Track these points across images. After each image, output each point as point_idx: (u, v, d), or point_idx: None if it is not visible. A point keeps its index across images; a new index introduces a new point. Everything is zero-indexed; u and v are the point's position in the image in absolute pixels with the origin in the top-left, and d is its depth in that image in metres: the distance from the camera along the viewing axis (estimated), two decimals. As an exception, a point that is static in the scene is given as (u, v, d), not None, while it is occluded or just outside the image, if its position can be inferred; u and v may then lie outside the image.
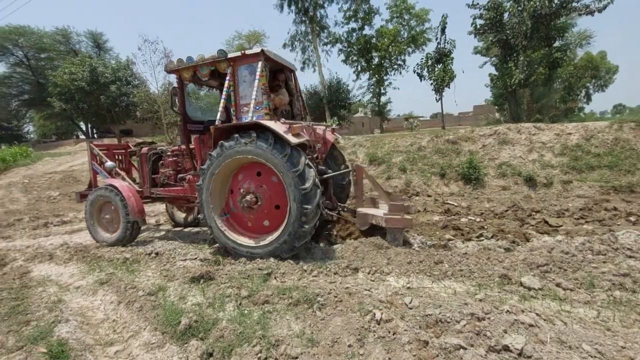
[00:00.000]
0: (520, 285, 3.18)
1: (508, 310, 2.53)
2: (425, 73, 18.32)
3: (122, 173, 6.18)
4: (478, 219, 5.87)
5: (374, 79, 24.38)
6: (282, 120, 4.40)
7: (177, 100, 5.34)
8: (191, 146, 5.33)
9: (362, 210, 4.99)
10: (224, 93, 4.66)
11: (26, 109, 36.53)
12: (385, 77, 24.41)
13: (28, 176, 14.00)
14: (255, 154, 4.18)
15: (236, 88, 4.69)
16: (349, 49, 23.86)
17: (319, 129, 5.58)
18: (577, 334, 2.28)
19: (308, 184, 3.99)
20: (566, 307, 2.79)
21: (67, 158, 17.18)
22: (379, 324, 2.46)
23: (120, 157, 6.61)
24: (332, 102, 21.42)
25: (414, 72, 18.98)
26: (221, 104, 4.64)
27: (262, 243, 4.36)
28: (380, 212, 4.73)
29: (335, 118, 15.16)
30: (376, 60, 23.67)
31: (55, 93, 23.82)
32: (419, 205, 7.08)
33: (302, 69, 24.28)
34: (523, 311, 2.54)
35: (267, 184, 4.45)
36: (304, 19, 22.72)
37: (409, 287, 3.31)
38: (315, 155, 5.08)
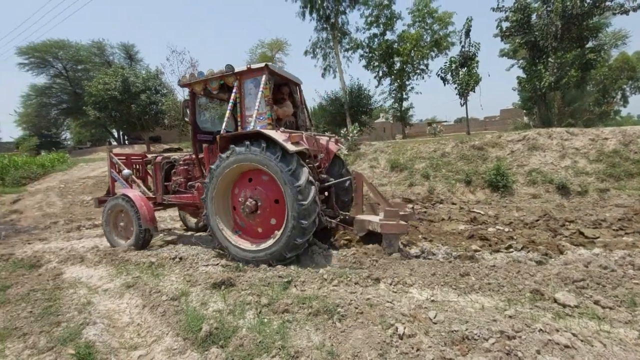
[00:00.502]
0: (554, 301, 2.98)
1: (541, 329, 2.38)
2: (449, 77, 17.92)
3: (138, 181, 6.51)
4: (507, 229, 5.61)
5: (396, 84, 24.15)
6: (282, 129, 4.57)
7: (188, 111, 5.65)
8: (201, 155, 5.53)
9: (359, 217, 5.01)
10: (229, 104, 4.91)
11: (64, 117, 38.84)
12: (407, 82, 24.14)
13: (64, 181, 14.83)
14: (256, 161, 4.38)
15: (242, 100, 4.94)
16: (370, 55, 23.80)
17: (323, 139, 5.78)
18: (618, 357, 2.11)
19: (301, 182, 4.13)
20: (605, 326, 2.58)
21: (100, 164, 18.08)
22: (401, 339, 2.38)
23: (137, 166, 6.93)
24: (353, 108, 21.35)
25: (437, 76, 18.62)
26: (227, 115, 4.91)
27: (262, 246, 4.46)
28: (376, 218, 4.73)
29: (357, 124, 15.06)
30: (398, 65, 23.46)
31: (90, 102, 25.23)
32: (442, 214, 6.87)
33: (323, 75, 24.46)
34: (557, 330, 2.38)
35: (266, 190, 4.63)
36: (325, 26, 22.92)
37: (433, 300, 3.19)
38: (317, 164, 5.24)
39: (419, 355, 2.20)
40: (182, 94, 23.65)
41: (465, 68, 16.99)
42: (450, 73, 17.80)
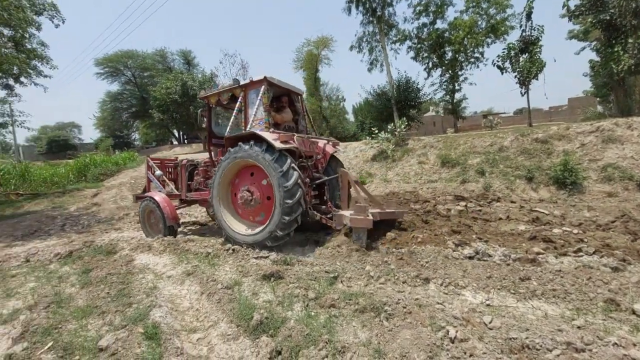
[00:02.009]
0: (633, 313, 2.64)
1: (616, 343, 2.13)
2: (507, 65, 16.49)
3: (167, 181, 7.45)
4: (575, 231, 5.05)
5: (447, 75, 22.88)
6: (271, 130, 5.30)
7: (204, 120, 6.67)
8: (216, 158, 6.29)
9: (338, 212, 5.38)
10: (235, 111, 5.78)
11: (133, 119, 43.13)
12: (459, 73, 22.74)
13: (134, 177, 16.48)
14: (249, 156, 5.17)
15: (246, 108, 5.77)
16: (419, 45, 22.81)
17: (321, 142, 6.43)
18: None
19: (290, 182, 4.77)
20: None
21: (163, 161, 19.80)
22: (453, 343, 2.28)
23: (169, 169, 7.79)
24: (401, 102, 20.67)
25: (494, 64, 17.23)
26: (231, 121, 5.87)
27: (257, 230, 5.18)
28: (348, 213, 4.97)
29: (404, 119, 14.54)
30: (449, 55, 22.18)
31: (155, 105, 27.69)
32: (500, 213, 6.39)
33: (369, 69, 23.98)
34: (635, 345, 2.10)
35: (258, 182, 5.40)
36: (371, 19, 22.45)
37: (488, 305, 3.00)
38: (311, 164, 5.95)
39: (472, 361, 2.09)
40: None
41: (527, 54, 15.48)
42: (509, 60, 16.36)
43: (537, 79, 15.59)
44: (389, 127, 13.47)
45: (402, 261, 4.00)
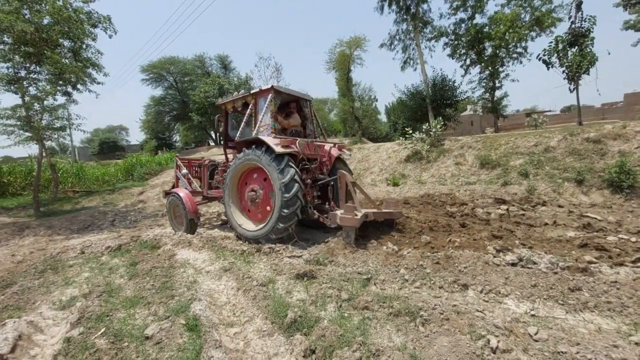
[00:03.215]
0: None
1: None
2: (554, 59, 15.39)
3: (192, 179, 8.15)
4: (634, 239, 4.61)
5: (487, 72, 21.76)
6: (273, 136, 5.66)
7: (222, 124, 7.26)
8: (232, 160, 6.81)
9: (332, 211, 5.60)
10: (245, 117, 6.27)
11: (174, 122, 45.52)
12: (500, 69, 21.53)
13: (175, 176, 17.40)
14: (253, 159, 5.67)
15: (256, 114, 6.18)
16: (456, 42, 21.92)
17: (327, 146, 6.76)
18: None
19: (286, 178, 5.18)
20: None
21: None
22: (494, 353, 2.17)
23: (195, 168, 8.45)
24: (436, 101, 19.98)
25: (539, 59, 16.15)
26: (242, 126, 6.35)
27: (260, 226, 5.66)
28: (339, 212, 5.17)
29: (440, 118, 14.03)
30: (489, 50, 21.08)
31: (194, 109, 29.07)
32: (546, 217, 5.99)
33: (402, 68, 23.43)
34: None
35: (263, 183, 5.85)
36: (405, 17, 21.93)
37: (533, 315, 2.82)
38: (314, 166, 6.29)
39: (516, 373, 1.98)
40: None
41: (576, 47, 14.36)
42: (556, 54, 15.27)
43: (588, 74, 14.41)
44: (423, 127, 13.10)
45: (438, 265, 3.87)
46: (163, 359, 2.46)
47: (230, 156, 7.44)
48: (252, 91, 6.27)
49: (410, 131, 13.18)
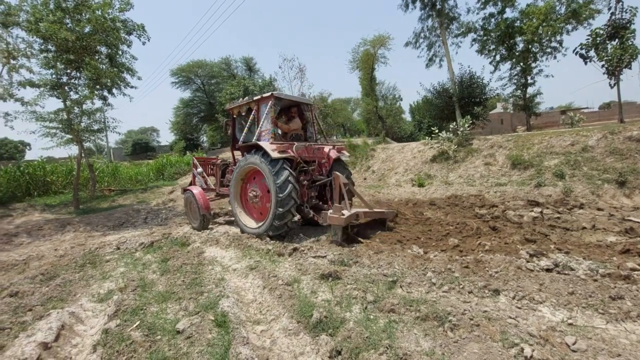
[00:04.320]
0: None
1: None
2: (592, 53, 14.49)
3: (206, 177, 8.72)
4: (686, 246, 4.25)
5: (518, 68, 20.81)
6: (271, 141, 5.99)
7: (229, 127, 7.77)
8: None
9: (324, 211, 5.98)
10: (249, 122, 6.68)
11: (202, 123, 46.95)
12: (533, 65, 20.52)
13: (202, 176, 17.94)
14: (253, 163, 6.11)
15: (258, 120, 6.54)
16: (485, 38, 21.12)
17: (326, 148, 7.06)
18: None
19: (280, 180, 5.60)
20: None
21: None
22: (529, 363, 2.07)
23: (211, 167, 8.93)
24: (464, 99, 19.35)
25: (576, 53, 15.27)
26: (244, 130, 6.74)
27: (260, 224, 6.14)
28: (329, 212, 5.53)
29: (468, 117, 13.56)
30: (521, 45, 20.15)
31: (220, 110, 29.84)
32: (583, 221, 5.65)
33: (427, 66, 22.88)
34: None
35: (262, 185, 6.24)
36: (430, 13, 21.42)
37: (571, 324, 2.68)
38: (312, 168, 6.71)
39: (553, 385, 1.88)
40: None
41: (616, 40, 13.46)
42: (594, 48, 14.38)
43: (629, 68, 13.48)
44: (450, 126, 12.74)
45: (467, 270, 3.76)
46: (193, 353, 2.54)
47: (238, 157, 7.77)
48: (254, 98, 6.70)
49: (437, 130, 12.85)
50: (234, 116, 7.72)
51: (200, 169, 8.81)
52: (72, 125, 11.66)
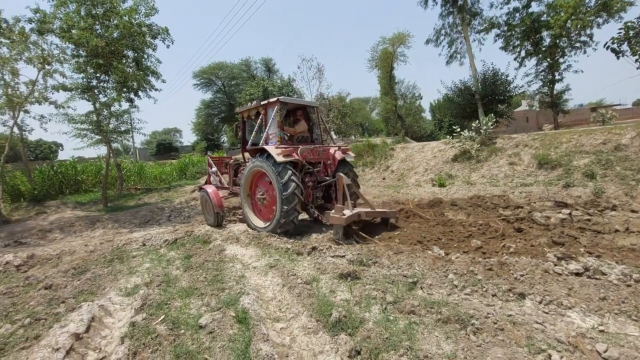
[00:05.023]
0: None
1: None
2: (624, 48, 13.69)
3: (220, 176, 9.07)
4: None
5: (545, 64, 19.95)
6: (276, 145, 6.35)
7: (240, 130, 8.17)
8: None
9: (327, 210, 6.36)
10: (256, 126, 6.98)
11: (222, 124, 47.96)
12: (560, 60, 19.61)
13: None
14: (260, 166, 6.45)
15: (266, 123, 6.83)
16: (509, 33, 20.39)
17: (331, 149, 7.32)
18: None
19: (284, 179, 5.91)
20: None
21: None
22: (557, 369, 2.00)
23: (224, 167, 9.19)
24: (487, 96, 18.76)
25: (607, 48, 14.48)
26: (252, 134, 7.05)
27: (268, 223, 6.46)
28: (331, 212, 5.74)
29: (492, 115, 13.12)
30: (547, 40, 19.30)
31: (240, 111, 30.31)
32: (616, 224, 5.36)
33: (448, 63, 22.35)
34: None
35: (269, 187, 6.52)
36: (451, 9, 20.91)
37: (602, 331, 2.56)
38: (317, 169, 6.99)
39: (583, 394, 1.80)
40: (310, 97, 25.77)
41: (650, 34, 12.62)
42: (627, 42, 13.58)
43: (667, 62, 12.63)
44: (472, 124, 12.39)
45: (491, 272, 3.65)
46: (215, 348, 2.61)
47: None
48: (262, 102, 7.02)
49: (458, 129, 12.54)
50: (244, 119, 8.05)
51: (214, 169, 9.15)
52: (101, 127, 12.19)
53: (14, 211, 12.26)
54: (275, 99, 6.72)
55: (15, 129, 12.69)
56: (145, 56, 12.17)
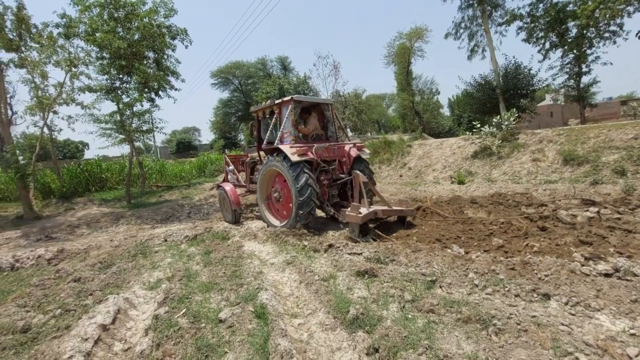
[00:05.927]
0: None
1: None
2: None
3: (237, 174, 9.28)
4: None
5: (571, 56, 19.06)
6: (291, 144, 6.33)
7: (255, 129, 8.27)
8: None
9: (344, 208, 6.27)
10: (271, 126, 7.09)
11: (239, 122, 48.62)
12: (588, 51, 18.68)
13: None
14: (275, 165, 6.49)
15: (280, 122, 6.90)
16: (532, 25, 19.60)
17: (346, 147, 7.23)
18: None
19: (300, 184, 5.91)
20: None
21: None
22: (585, 373, 1.92)
23: (241, 164, 9.36)
24: (509, 91, 18.13)
25: (639, 37, 13.72)
26: (267, 133, 7.26)
27: (284, 222, 6.53)
28: (348, 210, 5.70)
29: (514, 110, 12.67)
30: (574, 31, 18.43)
31: (257, 109, 30.63)
32: (649, 223, 5.09)
33: (469, 57, 21.74)
34: None
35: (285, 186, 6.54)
36: (471, 2, 20.32)
37: (633, 334, 2.44)
38: (333, 167, 6.99)
39: (613, 399, 1.73)
40: (325, 95, 25.73)
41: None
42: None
43: None
44: (493, 120, 12.03)
45: (513, 272, 3.55)
46: (235, 341, 2.66)
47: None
48: (276, 101, 7.07)
49: (479, 125, 12.20)
50: (259, 118, 8.12)
51: (231, 167, 9.36)
52: (125, 126, 12.61)
53: (45, 207, 12.90)
54: (289, 97, 6.75)
55: (45, 129, 13.33)
56: (165, 57, 12.49)
